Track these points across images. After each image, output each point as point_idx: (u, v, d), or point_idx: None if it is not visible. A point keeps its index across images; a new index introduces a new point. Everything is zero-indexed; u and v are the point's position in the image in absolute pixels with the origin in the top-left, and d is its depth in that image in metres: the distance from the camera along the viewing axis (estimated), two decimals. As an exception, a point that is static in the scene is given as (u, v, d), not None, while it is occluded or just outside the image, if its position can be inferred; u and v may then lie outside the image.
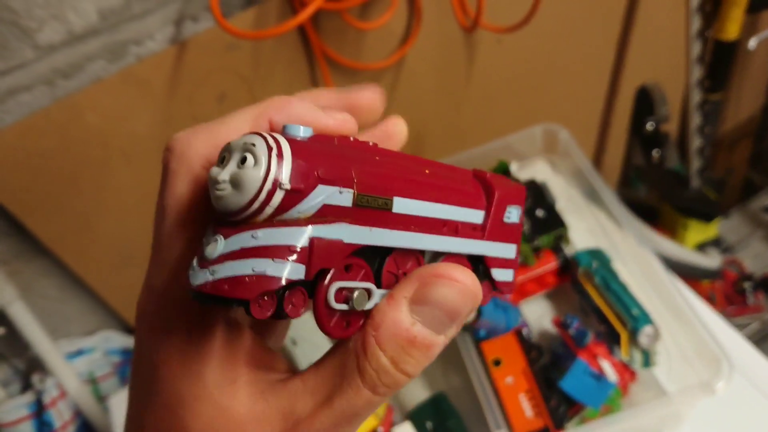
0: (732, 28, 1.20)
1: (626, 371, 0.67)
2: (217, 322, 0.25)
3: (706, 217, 1.34)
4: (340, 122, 0.26)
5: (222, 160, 0.22)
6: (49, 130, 0.76)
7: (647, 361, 0.67)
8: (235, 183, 0.21)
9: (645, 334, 0.66)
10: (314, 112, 0.26)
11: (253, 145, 0.22)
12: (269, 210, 0.22)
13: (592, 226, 0.83)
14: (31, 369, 0.95)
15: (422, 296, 0.23)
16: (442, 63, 1.01)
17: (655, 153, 1.36)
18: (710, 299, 1.42)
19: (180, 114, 0.84)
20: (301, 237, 0.22)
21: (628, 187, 1.51)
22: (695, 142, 1.32)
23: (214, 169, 0.22)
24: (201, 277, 0.22)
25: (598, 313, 0.71)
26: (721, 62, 1.25)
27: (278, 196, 0.21)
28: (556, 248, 0.78)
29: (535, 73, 1.14)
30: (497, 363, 0.65)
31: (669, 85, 1.31)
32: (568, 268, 0.77)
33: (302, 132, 0.23)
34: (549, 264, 0.77)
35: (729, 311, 1.41)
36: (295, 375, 0.25)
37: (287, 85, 0.89)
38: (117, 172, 0.84)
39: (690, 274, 1.34)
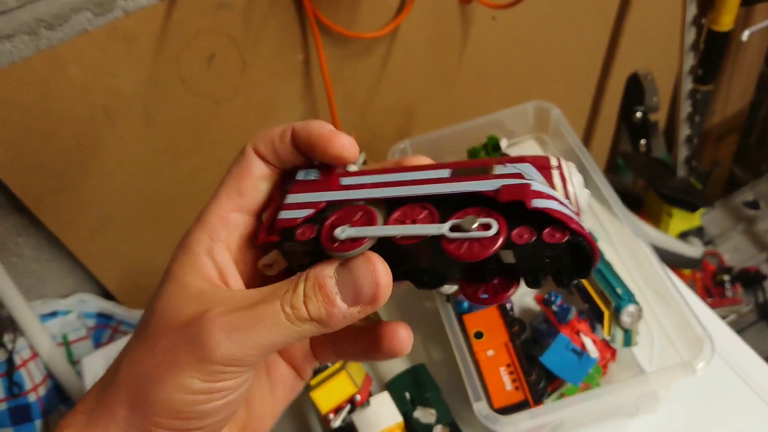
0: (726, 19, 1.20)
1: (607, 350, 0.67)
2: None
3: (691, 206, 1.34)
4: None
5: None
6: (30, 82, 0.74)
7: (628, 340, 0.67)
8: None
9: (627, 313, 0.66)
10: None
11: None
12: None
13: (579, 206, 0.83)
14: (2, 329, 0.93)
15: (347, 263, 0.29)
16: (436, 36, 1.00)
17: (643, 142, 1.36)
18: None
19: (167, 73, 0.82)
20: None
21: (614, 173, 1.51)
22: (684, 131, 1.32)
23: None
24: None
25: (582, 292, 0.70)
26: (713, 53, 1.24)
27: None
28: (543, 226, 0.77)
29: (528, 53, 1.13)
30: (479, 336, 0.65)
31: (660, 74, 1.30)
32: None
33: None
34: (535, 241, 0.76)
35: (707, 303, 1.42)
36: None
37: (278, 49, 0.88)
38: (99, 131, 0.82)
39: (671, 262, 1.35)
